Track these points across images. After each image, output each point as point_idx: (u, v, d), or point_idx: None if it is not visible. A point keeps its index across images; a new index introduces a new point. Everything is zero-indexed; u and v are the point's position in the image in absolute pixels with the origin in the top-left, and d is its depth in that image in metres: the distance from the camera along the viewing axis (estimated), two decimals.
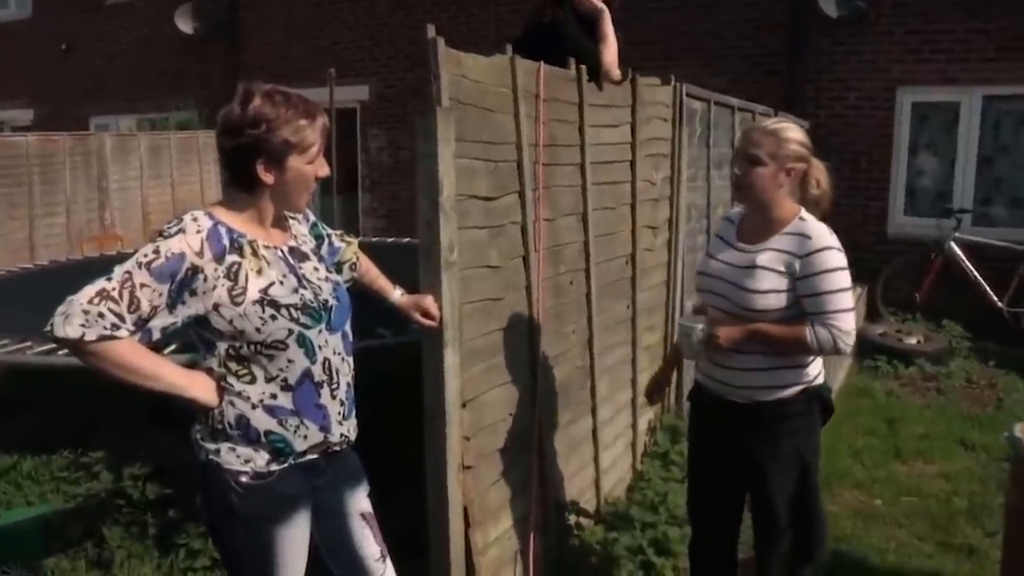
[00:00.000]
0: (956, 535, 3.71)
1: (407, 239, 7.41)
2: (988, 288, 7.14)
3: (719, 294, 2.43)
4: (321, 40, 11.18)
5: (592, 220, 3.39)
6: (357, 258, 2.30)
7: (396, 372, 3.61)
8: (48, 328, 1.69)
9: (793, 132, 2.38)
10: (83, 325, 1.67)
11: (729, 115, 5.20)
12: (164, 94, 12.13)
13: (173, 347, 2.97)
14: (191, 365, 1.89)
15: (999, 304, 7.12)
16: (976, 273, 7.19)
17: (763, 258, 2.35)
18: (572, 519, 3.25)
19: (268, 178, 1.82)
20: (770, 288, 2.32)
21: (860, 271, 7.79)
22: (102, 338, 1.69)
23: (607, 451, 3.67)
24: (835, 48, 7.89)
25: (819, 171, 2.44)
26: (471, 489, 2.62)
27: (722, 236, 2.54)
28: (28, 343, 3.83)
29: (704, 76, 8.39)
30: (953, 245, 7.29)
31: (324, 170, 1.90)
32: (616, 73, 3.45)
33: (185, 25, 11.58)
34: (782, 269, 2.32)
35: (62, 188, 9.16)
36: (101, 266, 1.87)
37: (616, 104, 3.58)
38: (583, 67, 3.27)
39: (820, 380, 2.50)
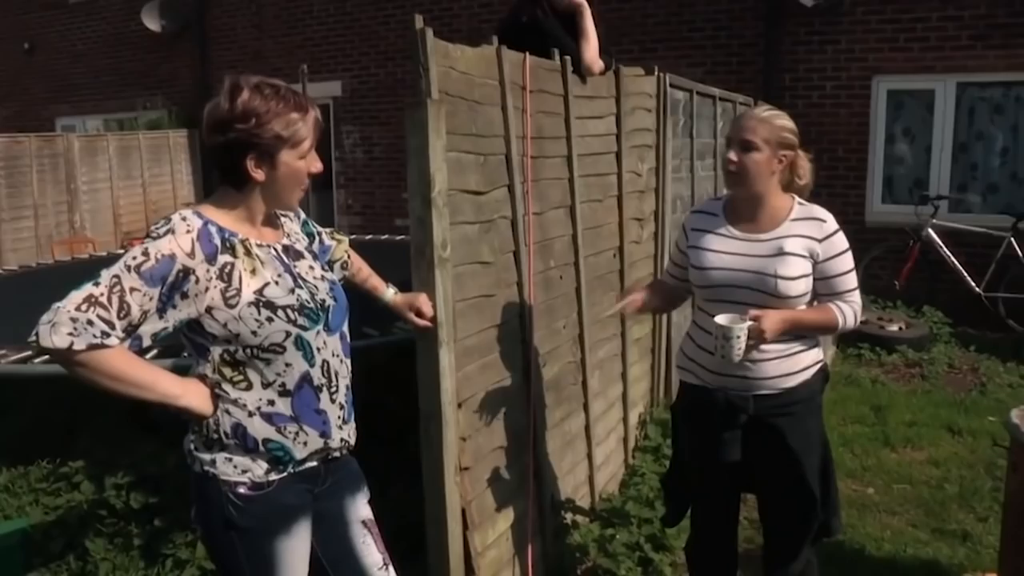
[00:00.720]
0: (949, 521, 3.71)
1: (385, 236, 7.33)
2: (966, 274, 7.20)
3: (741, 286, 2.35)
4: (293, 36, 11.03)
5: (580, 213, 3.34)
6: (348, 256, 2.22)
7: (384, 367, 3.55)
8: (33, 338, 1.59)
9: (784, 120, 2.36)
10: (71, 334, 1.57)
11: (711, 105, 5.18)
12: (132, 93, 11.92)
13: (154, 352, 2.87)
14: (176, 370, 1.81)
15: (977, 289, 7.18)
16: (954, 259, 7.24)
17: (791, 244, 2.32)
18: (568, 517, 3.20)
19: (259, 175, 1.74)
20: (800, 273, 2.31)
21: None
22: (92, 347, 1.59)
23: (600, 447, 3.62)
24: (811, 37, 7.91)
25: (804, 162, 2.42)
26: (469, 491, 2.56)
27: (704, 228, 2.48)
28: (2, 351, 3.70)
29: (681, 67, 8.39)
30: (931, 232, 7.34)
31: (317, 165, 1.81)
32: (597, 69, 3.40)
33: (152, 23, 11.36)
34: (806, 254, 2.32)
35: (29, 191, 8.96)
36: (72, 270, 1.78)
37: (600, 95, 3.54)
38: (567, 58, 3.22)
39: (822, 357, 2.50)
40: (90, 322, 1.58)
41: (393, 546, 2.15)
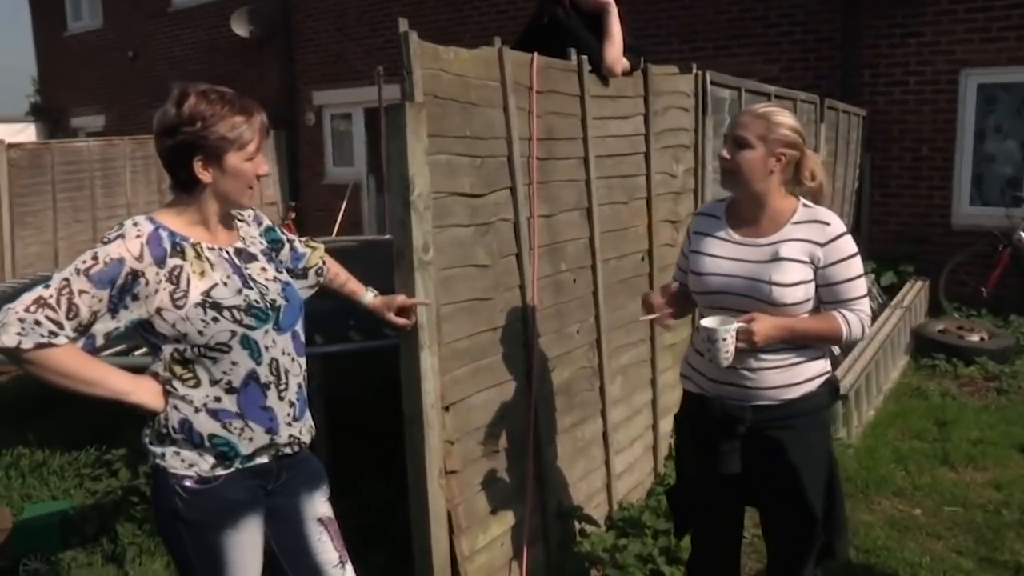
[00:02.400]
0: (1002, 551, 3.44)
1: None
2: None
3: (735, 293, 2.26)
4: (374, 39, 11.27)
5: (598, 215, 3.27)
6: (323, 263, 2.25)
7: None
8: None
9: (784, 117, 2.24)
10: (19, 333, 1.66)
11: (766, 103, 4.97)
12: None
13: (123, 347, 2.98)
14: (138, 369, 1.87)
15: None
16: None
17: (787, 249, 2.21)
18: (576, 525, 3.14)
19: (206, 176, 1.80)
20: (798, 280, 2.20)
21: (921, 264, 7.46)
22: (39, 346, 1.68)
23: (621, 455, 3.54)
24: (892, 30, 7.51)
25: (813, 162, 2.28)
26: (456, 494, 2.55)
27: (706, 231, 2.39)
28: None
29: (756, 65, 8.17)
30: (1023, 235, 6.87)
31: (263, 167, 1.87)
32: (618, 70, 3.31)
33: (241, 29, 11.83)
34: (806, 259, 2.21)
35: (123, 191, 9.48)
36: None
37: (626, 95, 3.45)
38: (584, 57, 3.16)
39: (830, 369, 2.37)
40: (37, 322, 1.67)
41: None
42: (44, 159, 8.91)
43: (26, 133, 15.63)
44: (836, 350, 2.47)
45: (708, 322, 2.17)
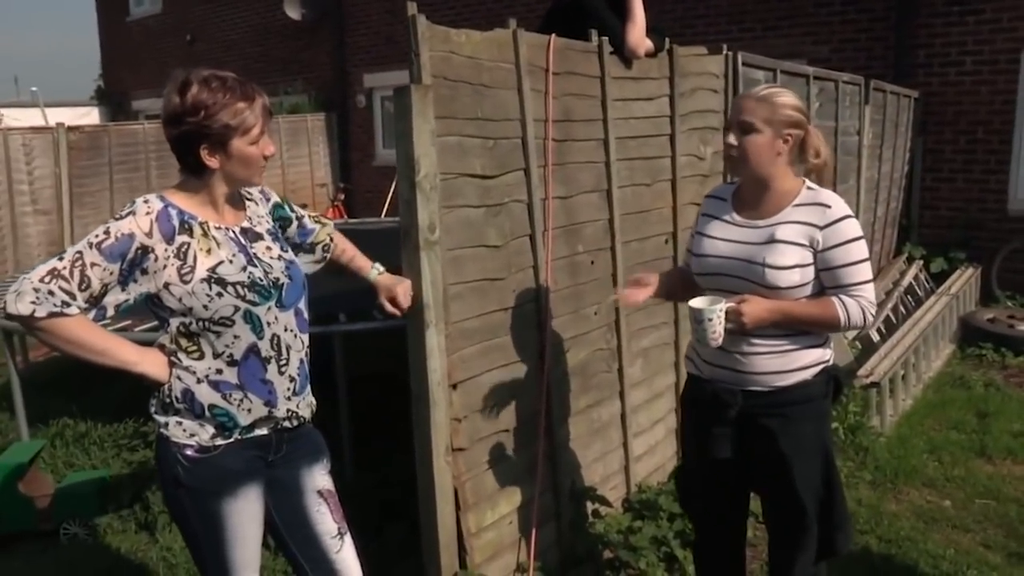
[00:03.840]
0: None
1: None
2: None
3: (731, 275, 2.25)
4: None
5: (618, 197, 3.26)
6: (331, 239, 2.30)
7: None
8: (1, 305, 1.78)
9: (787, 97, 2.20)
10: (33, 303, 1.75)
11: (803, 84, 4.87)
12: (276, 79, 12.64)
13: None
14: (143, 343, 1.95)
15: None
16: None
17: (784, 231, 2.18)
18: (590, 506, 3.16)
19: (213, 163, 1.86)
20: (794, 263, 2.16)
21: (974, 251, 7.23)
22: (52, 315, 1.76)
23: (640, 437, 3.54)
24: (950, 8, 7.25)
25: (817, 139, 2.24)
26: (463, 471, 2.59)
27: (712, 214, 2.37)
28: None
29: (805, 45, 7.99)
30: None
31: (270, 148, 1.92)
32: (641, 52, 3.27)
33: (293, 12, 12.00)
34: (804, 242, 2.17)
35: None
36: None
37: (650, 76, 3.42)
38: (605, 39, 3.14)
39: (833, 359, 2.33)
40: (51, 292, 1.75)
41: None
42: (102, 141, 9.20)
43: (90, 116, 16.15)
44: (850, 334, 2.43)
45: (696, 302, 2.17)
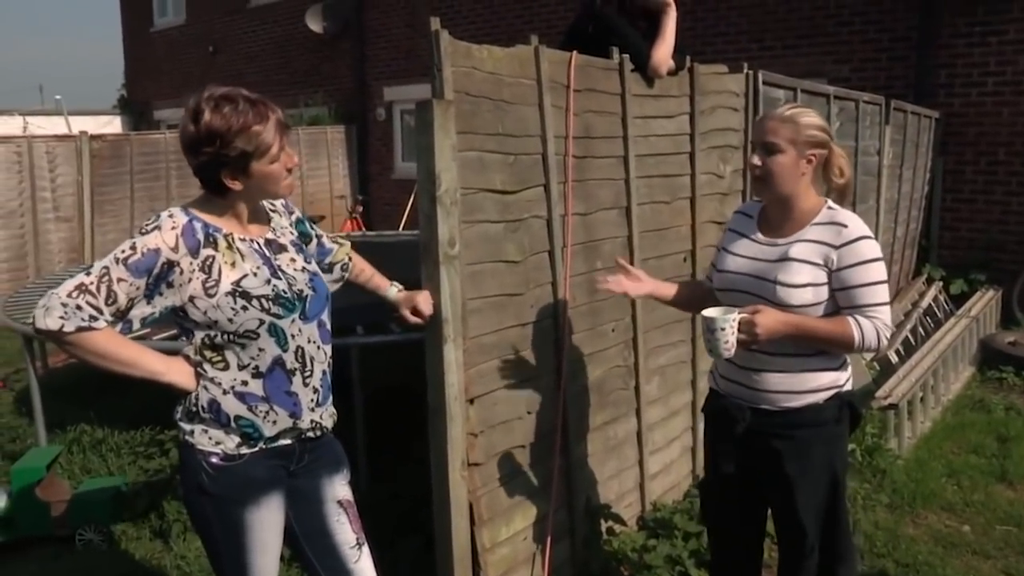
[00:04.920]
0: None
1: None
2: None
3: (743, 291, 2.26)
4: None
5: (638, 214, 3.26)
6: (349, 259, 2.31)
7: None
8: (30, 320, 1.80)
9: (811, 117, 2.20)
10: (62, 317, 1.76)
11: (824, 104, 4.86)
12: (296, 91, 12.75)
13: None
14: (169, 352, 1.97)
15: None
16: None
17: (797, 250, 2.18)
18: (604, 523, 3.14)
19: (236, 186, 1.86)
20: (807, 282, 2.15)
21: (995, 273, 7.16)
22: (80, 329, 1.78)
23: (656, 455, 3.53)
24: (972, 29, 7.22)
25: (841, 158, 2.24)
26: (478, 486, 2.59)
27: (737, 230, 2.37)
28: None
29: (826, 64, 7.98)
30: None
31: (292, 160, 1.93)
32: (663, 71, 3.27)
33: (315, 24, 12.12)
34: (819, 261, 2.16)
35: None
36: None
37: (670, 94, 3.43)
38: (626, 56, 3.15)
39: (850, 385, 2.31)
40: (79, 307, 1.77)
41: None
42: (124, 150, 9.31)
43: (113, 125, 16.35)
44: (868, 355, 2.42)
45: (709, 312, 2.16)
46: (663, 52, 3.29)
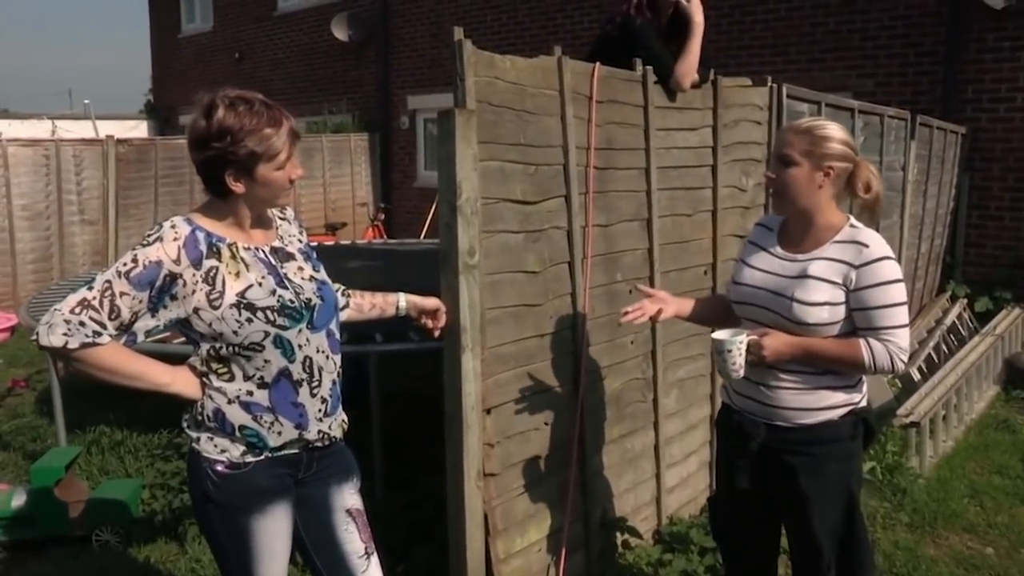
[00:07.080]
0: None
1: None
2: None
3: (759, 305, 2.24)
4: None
5: (659, 227, 3.25)
6: (346, 295, 2.26)
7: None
8: (34, 337, 1.80)
9: (831, 130, 2.17)
10: (65, 334, 1.76)
11: (848, 118, 4.82)
12: (321, 99, 12.84)
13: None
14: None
15: None
16: None
17: (816, 267, 2.15)
18: (619, 537, 3.12)
19: (238, 188, 1.85)
20: (824, 300, 2.12)
21: (1021, 290, 7.06)
22: (84, 345, 1.77)
23: (673, 468, 3.50)
24: (1001, 44, 7.14)
25: (868, 172, 2.20)
26: (494, 496, 2.58)
27: (758, 242, 2.35)
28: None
29: (850, 79, 7.92)
30: None
31: (297, 172, 1.90)
32: (686, 84, 3.26)
33: (340, 33, 12.21)
34: (837, 279, 2.13)
35: None
36: None
37: (693, 106, 3.42)
38: (649, 68, 3.14)
39: (865, 402, 2.28)
40: (82, 323, 1.76)
41: None
42: (149, 154, 9.40)
43: (138, 130, 16.56)
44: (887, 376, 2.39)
45: (718, 334, 2.16)
46: (687, 65, 3.28)
